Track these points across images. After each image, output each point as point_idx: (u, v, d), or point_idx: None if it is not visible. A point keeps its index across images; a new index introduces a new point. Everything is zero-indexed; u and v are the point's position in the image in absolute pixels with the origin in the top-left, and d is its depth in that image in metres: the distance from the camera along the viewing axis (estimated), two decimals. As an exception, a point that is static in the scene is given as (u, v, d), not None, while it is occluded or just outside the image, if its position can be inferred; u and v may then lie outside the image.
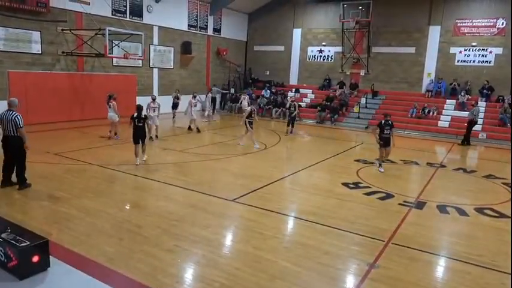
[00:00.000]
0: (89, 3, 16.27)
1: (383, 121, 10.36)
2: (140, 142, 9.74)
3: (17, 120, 6.98)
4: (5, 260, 4.32)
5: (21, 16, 14.17)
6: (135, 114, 9.76)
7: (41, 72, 15.15)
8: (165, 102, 20.29)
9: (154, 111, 13.15)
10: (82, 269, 4.54)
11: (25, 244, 4.28)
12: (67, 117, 15.67)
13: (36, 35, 14.90)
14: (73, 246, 5.08)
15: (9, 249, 4.27)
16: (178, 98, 16.92)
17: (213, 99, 22.44)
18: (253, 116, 12.88)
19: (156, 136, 13.29)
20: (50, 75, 15.40)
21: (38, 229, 5.37)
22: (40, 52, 15.14)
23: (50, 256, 4.53)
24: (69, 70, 16.24)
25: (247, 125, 12.61)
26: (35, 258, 4.32)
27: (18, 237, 4.38)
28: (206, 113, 19.43)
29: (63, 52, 15.74)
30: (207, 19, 23.02)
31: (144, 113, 10.01)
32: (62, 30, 15.53)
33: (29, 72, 14.75)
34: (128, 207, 6.88)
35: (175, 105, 16.90)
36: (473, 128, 17.84)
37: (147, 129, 9.99)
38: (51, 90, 15.24)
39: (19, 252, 4.21)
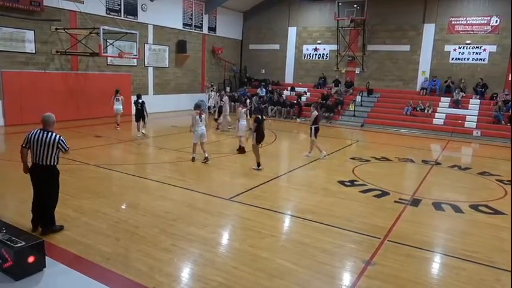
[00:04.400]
0: (83, 2, 16.18)
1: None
2: (141, 120, 13.31)
3: (61, 143, 5.33)
4: (0, 261, 4.30)
5: (15, 15, 14.06)
6: (135, 100, 13.46)
7: (35, 71, 15.07)
8: (162, 102, 20.45)
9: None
10: (78, 269, 4.52)
11: (20, 245, 4.26)
12: (62, 117, 15.40)
13: (30, 34, 14.80)
14: (69, 246, 5.06)
15: (4, 250, 4.25)
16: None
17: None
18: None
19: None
20: (44, 74, 15.31)
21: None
22: (34, 51, 15.04)
23: (46, 256, 4.51)
24: (63, 69, 16.16)
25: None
26: (31, 259, 4.29)
27: (13, 238, 4.36)
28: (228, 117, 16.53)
29: (57, 51, 15.66)
30: (202, 18, 22.97)
31: (141, 100, 13.33)
32: (56, 29, 15.44)
33: (22, 71, 14.66)
34: (124, 207, 6.86)
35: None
36: (468, 126, 18.03)
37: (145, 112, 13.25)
38: (46, 90, 15.15)
39: (14, 253, 4.19)
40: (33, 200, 5.43)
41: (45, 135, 5.21)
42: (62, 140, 5.31)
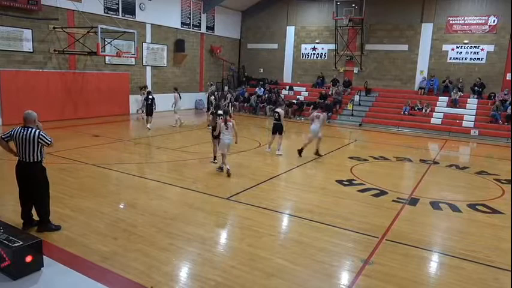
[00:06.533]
0: (80, 1, 16.14)
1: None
2: (149, 115, 14.82)
3: (41, 137, 5.21)
4: (-2, 261, 4.29)
5: (12, 14, 14.01)
6: (145, 96, 15.32)
7: (33, 70, 15.02)
8: (160, 101, 20.36)
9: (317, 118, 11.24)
10: (76, 268, 4.51)
11: (18, 244, 4.25)
12: (59, 116, 15.56)
13: (27, 33, 14.75)
14: (67, 246, 5.04)
15: (2, 250, 4.23)
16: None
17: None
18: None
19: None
20: (41, 73, 15.26)
21: (31, 229, 5.35)
22: (31, 50, 14.99)
23: (44, 256, 4.50)
24: (61, 68, 16.10)
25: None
26: (29, 258, 4.28)
27: (11, 237, 4.35)
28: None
29: (55, 50, 15.61)
30: (200, 17, 22.94)
31: (151, 96, 15.08)
32: (54, 28, 15.39)
33: (20, 70, 14.61)
34: (122, 207, 6.84)
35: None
36: (465, 125, 18.07)
37: (154, 107, 15.02)
38: (43, 89, 15.12)
39: (12, 253, 4.18)
40: (19, 195, 5.45)
41: (25, 131, 5.18)
42: (42, 134, 5.23)
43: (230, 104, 19.11)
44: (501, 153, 13.86)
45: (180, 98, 16.10)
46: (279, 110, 11.42)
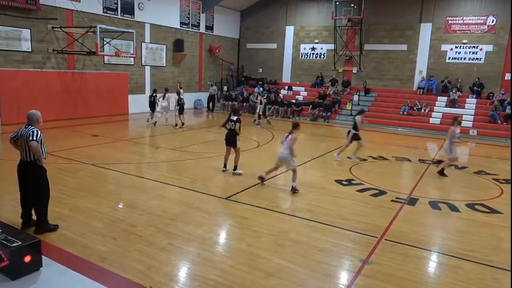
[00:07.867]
0: (79, 0, 16.12)
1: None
2: (152, 111, 15.93)
3: (30, 133, 5.09)
4: (-3, 261, 4.28)
5: (11, 14, 13.98)
6: (151, 93, 16.35)
7: (32, 70, 15.00)
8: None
9: None
10: (75, 268, 4.50)
11: (17, 244, 4.24)
12: (58, 116, 15.53)
13: (26, 33, 14.73)
14: (66, 245, 5.04)
15: (0, 250, 4.23)
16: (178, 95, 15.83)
17: (212, 98, 22.56)
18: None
19: None
20: (40, 73, 15.24)
21: (30, 229, 5.34)
22: (30, 50, 14.97)
23: (43, 256, 4.49)
24: (60, 68, 16.09)
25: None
26: (27, 258, 4.28)
27: (10, 238, 4.34)
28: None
29: (53, 50, 15.59)
30: (199, 17, 22.93)
31: (154, 94, 16.14)
32: (53, 27, 15.37)
33: (19, 70, 14.59)
34: (121, 206, 6.84)
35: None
36: (464, 125, 18.06)
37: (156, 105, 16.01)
38: (42, 89, 15.09)
39: (11, 253, 4.17)
40: (20, 195, 5.44)
41: (25, 130, 5.18)
42: (33, 131, 5.10)
43: (264, 108, 17.94)
44: (500, 153, 13.88)
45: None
46: (358, 117, 11.35)
